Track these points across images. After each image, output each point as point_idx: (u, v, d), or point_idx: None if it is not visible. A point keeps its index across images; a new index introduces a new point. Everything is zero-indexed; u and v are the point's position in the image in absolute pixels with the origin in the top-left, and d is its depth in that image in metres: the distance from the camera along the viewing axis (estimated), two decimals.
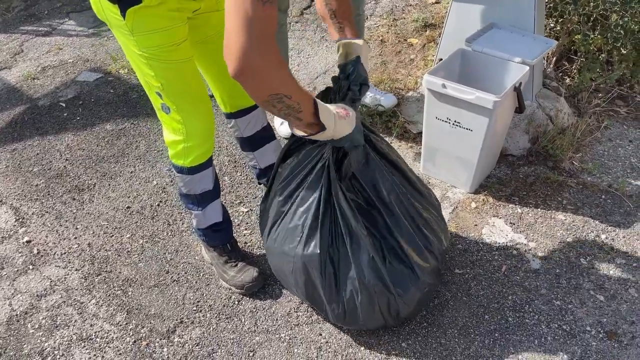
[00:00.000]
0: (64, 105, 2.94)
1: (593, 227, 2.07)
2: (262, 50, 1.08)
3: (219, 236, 1.89)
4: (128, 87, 3.05)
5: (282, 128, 2.58)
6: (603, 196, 2.21)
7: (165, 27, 1.41)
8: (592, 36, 2.65)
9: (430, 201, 1.71)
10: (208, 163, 1.73)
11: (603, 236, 2.04)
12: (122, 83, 3.08)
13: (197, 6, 1.49)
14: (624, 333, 1.71)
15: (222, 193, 2.13)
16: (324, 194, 1.50)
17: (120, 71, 3.18)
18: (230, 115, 1.88)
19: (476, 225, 2.11)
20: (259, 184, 2.31)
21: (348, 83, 1.44)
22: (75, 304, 1.88)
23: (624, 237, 2.03)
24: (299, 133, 1.31)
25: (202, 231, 1.87)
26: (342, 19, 1.48)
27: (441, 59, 2.19)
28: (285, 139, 2.52)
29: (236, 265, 1.88)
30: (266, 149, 1.98)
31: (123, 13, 1.36)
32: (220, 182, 2.29)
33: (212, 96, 1.82)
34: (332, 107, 1.32)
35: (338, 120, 1.31)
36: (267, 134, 1.97)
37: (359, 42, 1.46)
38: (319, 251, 1.51)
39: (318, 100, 1.27)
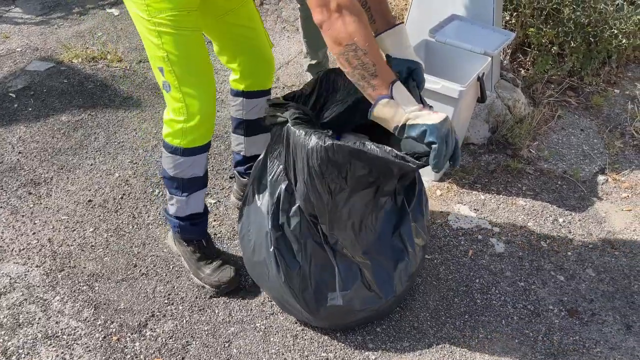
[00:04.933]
0: (13, 96, 2.79)
1: (551, 212, 2.17)
2: (350, 4, 1.23)
3: (196, 230, 1.81)
4: (83, 77, 2.93)
5: None
6: (559, 182, 2.32)
7: None
8: (544, 29, 2.76)
9: None
10: (205, 147, 1.67)
11: (561, 220, 2.14)
12: (76, 73, 2.96)
13: None
14: (584, 310, 1.80)
15: None
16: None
17: (73, 60, 3.05)
18: (240, 94, 1.83)
19: (442, 212, 2.16)
20: (231, 177, 2.28)
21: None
22: (38, 302, 1.81)
23: (579, 220, 2.14)
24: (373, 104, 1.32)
25: (178, 220, 1.77)
26: (373, 9, 1.48)
27: None
28: None
29: (211, 262, 1.81)
30: (258, 138, 1.94)
31: None
32: None
33: None
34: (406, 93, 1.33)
35: (417, 111, 1.29)
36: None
37: (392, 32, 1.48)
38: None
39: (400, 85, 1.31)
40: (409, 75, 1.51)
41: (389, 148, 1.35)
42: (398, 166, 1.36)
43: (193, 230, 1.80)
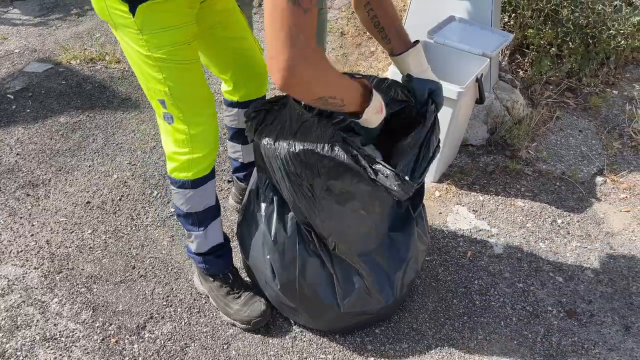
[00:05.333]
0: (11, 97, 2.79)
1: (550, 213, 2.17)
2: (307, 60, 1.08)
3: (221, 263, 1.72)
4: (81, 78, 2.93)
5: None
6: (557, 183, 2.32)
7: (177, 24, 1.34)
8: (543, 30, 2.77)
9: None
10: (212, 174, 1.60)
11: (559, 221, 2.14)
12: (74, 74, 2.96)
13: None
14: (583, 311, 1.80)
15: None
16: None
17: (71, 62, 3.05)
18: (235, 104, 1.79)
19: (441, 213, 2.16)
20: (229, 181, 2.28)
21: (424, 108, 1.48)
22: (36, 304, 1.80)
23: (578, 221, 2.14)
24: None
25: (201, 257, 1.69)
26: (387, 29, 1.46)
27: None
28: None
29: (240, 296, 1.71)
30: None
31: (133, 10, 1.27)
32: None
33: None
34: (378, 97, 1.32)
35: (374, 114, 1.31)
36: None
37: (413, 53, 1.47)
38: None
39: (375, 93, 1.29)
40: (429, 96, 1.51)
41: (364, 153, 1.33)
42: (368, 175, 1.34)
43: (218, 264, 1.72)
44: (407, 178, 1.31)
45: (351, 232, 1.50)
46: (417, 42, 1.51)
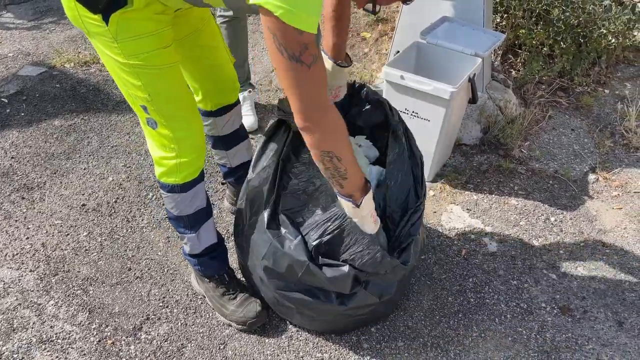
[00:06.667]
0: (5, 101, 2.79)
1: (543, 211, 2.19)
2: (317, 109, 1.20)
3: (216, 264, 1.72)
4: (75, 81, 2.93)
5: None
6: (550, 181, 2.34)
7: (152, 31, 1.32)
8: (535, 30, 2.79)
9: None
10: (201, 176, 1.58)
11: (552, 219, 2.16)
12: (68, 77, 2.96)
13: (180, 5, 1.39)
14: (577, 308, 1.82)
15: None
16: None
17: (65, 65, 3.05)
18: (210, 114, 1.77)
19: (435, 212, 2.18)
20: (222, 183, 2.28)
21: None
22: (33, 306, 1.80)
23: (571, 219, 2.16)
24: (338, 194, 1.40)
25: (196, 258, 1.69)
26: (338, 34, 1.52)
27: (398, 52, 2.25)
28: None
29: (235, 297, 1.71)
30: (239, 148, 1.90)
31: (106, 19, 1.25)
32: None
33: None
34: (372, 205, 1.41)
35: (369, 217, 1.41)
36: (241, 133, 1.90)
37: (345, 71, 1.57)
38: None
39: (370, 195, 1.38)
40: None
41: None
42: None
43: (213, 264, 1.72)
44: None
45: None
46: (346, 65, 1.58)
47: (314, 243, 1.48)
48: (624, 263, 1.97)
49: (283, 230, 1.52)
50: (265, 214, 1.53)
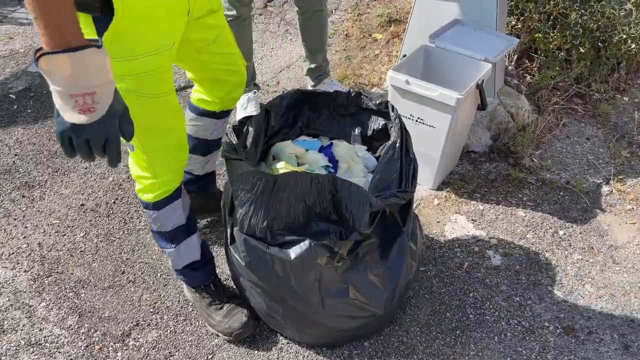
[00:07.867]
0: (14, 97, 2.80)
1: (551, 224, 2.10)
2: None
3: (199, 275, 1.67)
4: None
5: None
6: (561, 193, 2.25)
7: (142, 53, 1.22)
8: (552, 34, 2.69)
9: None
10: (176, 194, 1.52)
11: (561, 232, 2.07)
12: None
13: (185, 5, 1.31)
14: (581, 328, 1.73)
15: None
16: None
17: None
18: (209, 114, 1.71)
19: (439, 222, 2.11)
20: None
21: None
22: (24, 307, 1.79)
23: (580, 233, 2.07)
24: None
25: (178, 272, 1.67)
26: None
27: (405, 55, 2.18)
28: None
29: (222, 307, 1.67)
30: (214, 155, 1.86)
31: (100, 36, 1.16)
32: None
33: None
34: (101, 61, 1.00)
35: (67, 98, 0.97)
36: (220, 142, 1.84)
37: None
38: None
39: (97, 54, 0.96)
40: None
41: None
42: None
43: (197, 275, 1.67)
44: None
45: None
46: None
47: (264, 225, 1.41)
48: (634, 282, 1.88)
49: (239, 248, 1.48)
50: (228, 232, 1.53)
